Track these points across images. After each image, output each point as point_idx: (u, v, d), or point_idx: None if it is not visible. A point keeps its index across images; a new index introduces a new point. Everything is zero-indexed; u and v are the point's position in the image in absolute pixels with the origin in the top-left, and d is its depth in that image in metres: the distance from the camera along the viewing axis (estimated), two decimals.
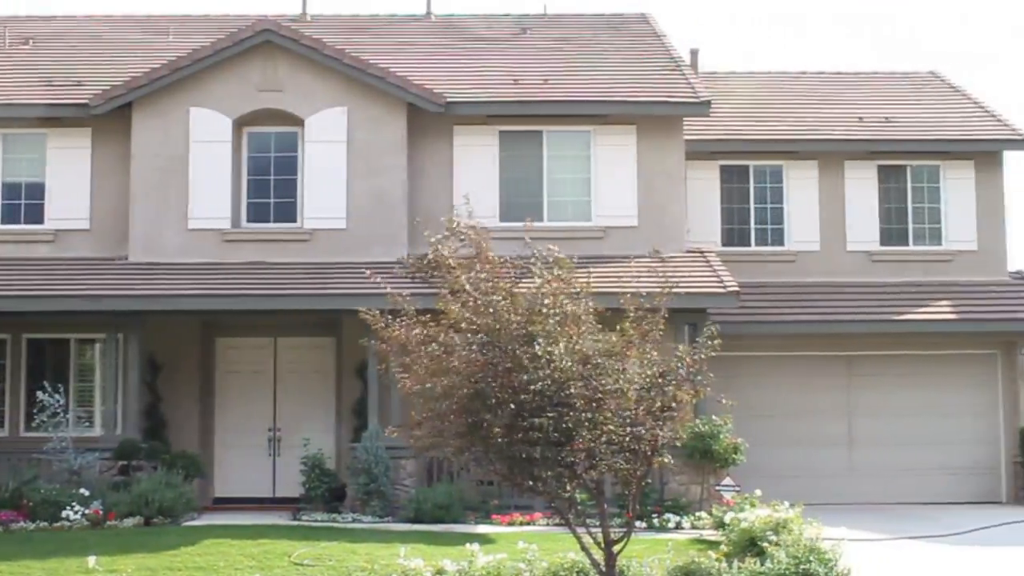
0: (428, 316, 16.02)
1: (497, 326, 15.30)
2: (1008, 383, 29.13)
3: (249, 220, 27.06)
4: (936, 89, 33.56)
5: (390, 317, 16.12)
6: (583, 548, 15.95)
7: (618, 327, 15.85)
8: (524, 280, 16.17)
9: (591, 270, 18.98)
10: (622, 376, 15.44)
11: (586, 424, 15.13)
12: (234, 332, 27.48)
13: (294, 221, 27.01)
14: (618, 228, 27.15)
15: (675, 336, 22.60)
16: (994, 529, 23.21)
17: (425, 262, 16.33)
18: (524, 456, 15.19)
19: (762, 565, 17.17)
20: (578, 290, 15.99)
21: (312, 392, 27.43)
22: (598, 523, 16.07)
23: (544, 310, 15.50)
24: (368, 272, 19.02)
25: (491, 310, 15.45)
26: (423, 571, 17.30)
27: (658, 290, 16.29)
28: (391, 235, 26.29)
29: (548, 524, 21.62)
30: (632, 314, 15.90)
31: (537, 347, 15.16)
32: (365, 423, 24.84)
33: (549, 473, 15.31)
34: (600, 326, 15.92)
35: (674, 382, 15.70)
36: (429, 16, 33.42)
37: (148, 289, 25.22)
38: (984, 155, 30.51)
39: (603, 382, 15.29)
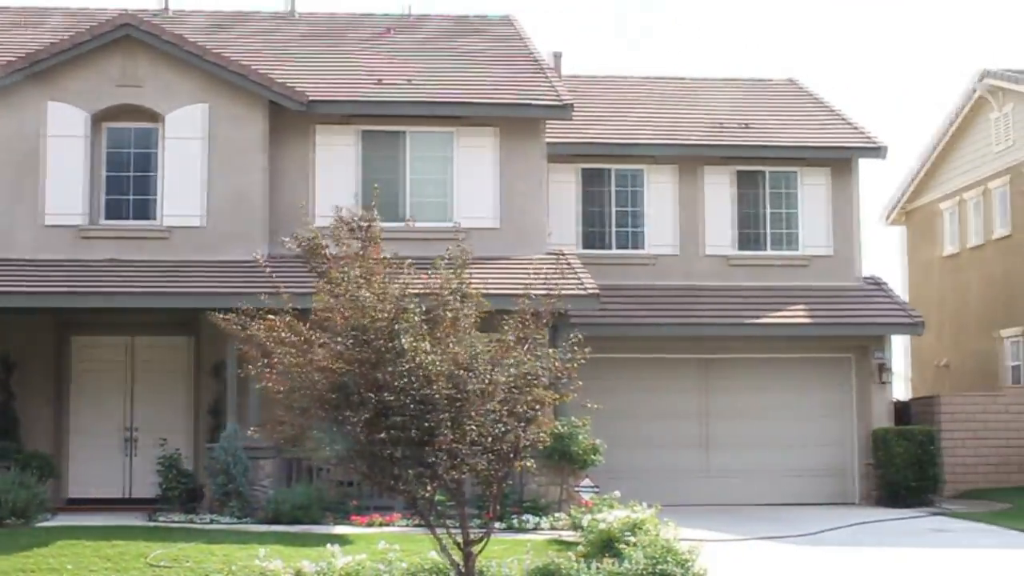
0: (294, 313, 15.88)
1: (364, 321, 15.23)
2: (861, 386, 29.65)
3: (106, 217, 26.62)
4: (794, 96, 34.09)
5: (248, 318, 15.94)
6: (442, 549, 15.92)
7: (503, 325, 15.85)
8: (415, 281, 16.08)
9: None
10: (488, 376, 15.43)
11: (448, 424, 15.11)
12: (90, 330, 27.08)
13: (152, 218, 26.65)
14: (479, 229, 27.05)
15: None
16: (844, 530, 23.70)
17: (310, 243, 16.03)
18: (385, 455, 15.15)
19: (619, 565, 17.32)
20: (463, 291, 15.94)
21: (169, 392, 27.13)
22: (457, 524, 16.07)
23: (411, 307, 15.44)
24: (258, 258, 18.71)
25: (360, 304, 15.35)
26: (282, 572, 17.18)
27: (544, 293, 16.35)
28: (250, 234, 25.99)
29: (407, 525, 21.59)
30: (516, 317, 15.91)
31: (403, 343, 15.10)
32: (222, 423, 24.63)
33: (410, 472, 15.27)
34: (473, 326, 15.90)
35: (539, 385, 15.73)
36: (293, 14, 33.20)
37: (0, 286, 24.75)
38: (839, 162, 31.04)
39: (469, 383, 15.27)
